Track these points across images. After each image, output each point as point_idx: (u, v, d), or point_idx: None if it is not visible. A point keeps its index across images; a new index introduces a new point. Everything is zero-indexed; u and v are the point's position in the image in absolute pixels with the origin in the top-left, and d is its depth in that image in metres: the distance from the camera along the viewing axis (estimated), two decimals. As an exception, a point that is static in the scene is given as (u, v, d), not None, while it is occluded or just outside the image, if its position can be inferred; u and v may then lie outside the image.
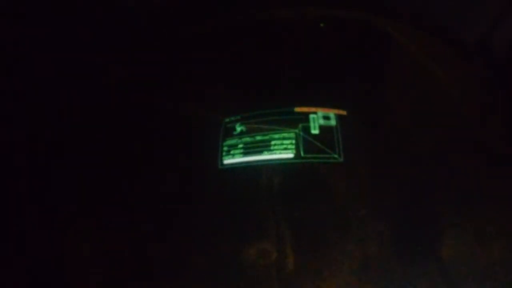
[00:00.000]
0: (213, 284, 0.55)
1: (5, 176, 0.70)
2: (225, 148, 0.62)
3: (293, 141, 0.60)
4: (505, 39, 0.90)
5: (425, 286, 0.53)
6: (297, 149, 0.60)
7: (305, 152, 0.60)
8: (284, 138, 0.60)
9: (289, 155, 0.60)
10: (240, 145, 0.61)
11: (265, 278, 0.55)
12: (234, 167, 0.60)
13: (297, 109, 0.63)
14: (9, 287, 0.62)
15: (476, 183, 0.60)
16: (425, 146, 0.63)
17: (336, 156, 0.60)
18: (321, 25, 0.73)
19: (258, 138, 0.61)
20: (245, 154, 0.61)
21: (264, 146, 0.60)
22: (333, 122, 0.62)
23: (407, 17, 0.81)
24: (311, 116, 0.62)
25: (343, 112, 0.63)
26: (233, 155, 0.61)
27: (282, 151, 0.60)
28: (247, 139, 0.62)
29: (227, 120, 0.64)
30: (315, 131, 0.61)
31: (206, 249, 0.57)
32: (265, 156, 0.60)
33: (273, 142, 0.60)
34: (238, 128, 0.63)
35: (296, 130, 0.61)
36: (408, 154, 0.62)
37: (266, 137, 0.61)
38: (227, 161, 0.61)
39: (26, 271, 0.62)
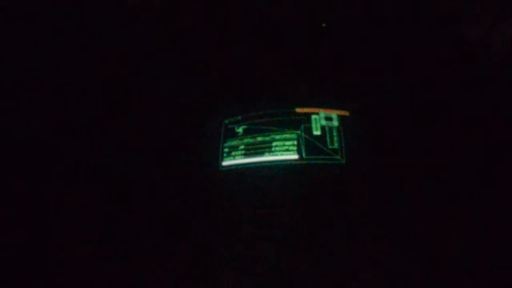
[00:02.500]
0: (213, 286, 0.55)
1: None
2: (226, 150, 0.61)
3: (295, 142, 0.60)
4: (505, 39, 0.90)
5: (425, 285, 0.54)
6: (299, 150, 0.59)
7: (307, 154, 0.59)
8: (286, 139, 0.60)
9: (291, 156, 0.59)
10: (241, 146, 0.61)
11: (267, 279, 0.55)
12: (234, 168, 0.60)
13: (299, 110, 0.62)
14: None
15: (477, 184, 0.61)
16: (428, 147, 0.63)
17: (338, 157, 0.59)
18: (323, 25, 0.73)
19: (260, 139, 0.61)
20: (246, 155, 0.60)
21: (266, 147, 0.60)
22: (335, 123, 0.61)
23: (408, 17, 0.81)
24: (313, 117, 0.62)
25: (346, 113, 0.62)
26: (234, 156, 0.61)
27: (284, 152, 0.59)
28: (248, 140, 0.61)
29: (227, 121, 0.64)
30: (317, 132, 0.61)
31: (206, 250, 0.57)
32: (267, 158, 0.60)
33: (274, 143, 0.60)
34: (239, 129, 0.62)
35: (298, 131, 0.61)
36: (410, 155, 0.62)
37: (268, 138, 0.61)
38: (228, 162, 0.61)
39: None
